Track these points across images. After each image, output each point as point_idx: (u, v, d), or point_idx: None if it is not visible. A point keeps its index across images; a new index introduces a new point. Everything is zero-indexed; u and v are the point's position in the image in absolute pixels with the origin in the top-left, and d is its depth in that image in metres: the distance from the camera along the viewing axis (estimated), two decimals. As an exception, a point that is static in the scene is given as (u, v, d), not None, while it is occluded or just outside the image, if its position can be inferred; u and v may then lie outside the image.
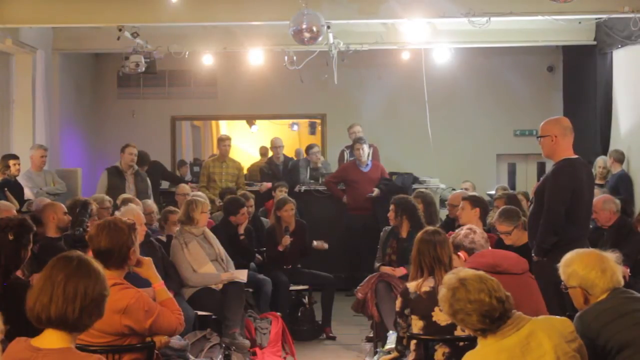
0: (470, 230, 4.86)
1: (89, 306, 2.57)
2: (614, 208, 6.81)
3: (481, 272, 3.02)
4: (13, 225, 4.09)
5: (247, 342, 6.04)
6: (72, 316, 2.54)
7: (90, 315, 2.59)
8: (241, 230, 7.23)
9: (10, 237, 4.03)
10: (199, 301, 6.17)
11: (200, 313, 6.08)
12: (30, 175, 8.75)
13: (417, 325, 4.14)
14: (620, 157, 9.52)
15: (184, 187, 8.92)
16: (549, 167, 5.15)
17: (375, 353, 5.52)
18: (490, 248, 4.91)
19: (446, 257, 4.26)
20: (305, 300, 7.70)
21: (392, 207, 6.76)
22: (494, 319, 2.87)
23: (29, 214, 6.15)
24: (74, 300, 2.54)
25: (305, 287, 7.58)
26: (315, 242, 7.50)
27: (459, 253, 4.59)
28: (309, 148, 10.41)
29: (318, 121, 13.12)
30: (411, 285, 4.21)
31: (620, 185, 9.09)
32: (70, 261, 2.61)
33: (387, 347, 5.04)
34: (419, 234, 4.39)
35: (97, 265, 2.68)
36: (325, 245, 7.57)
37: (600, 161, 9.64)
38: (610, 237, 6.87)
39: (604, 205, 6.79)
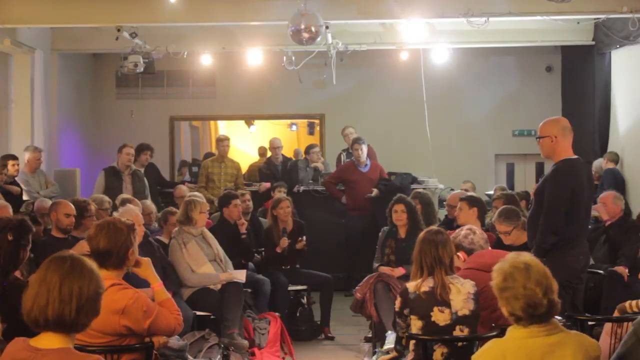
0: (470, 230, 4.86)
1: (85, 305, 2.57)
2: (621, 205, 7.01)
3: (547, 269, 2.97)
4: (12, 226, 4.09)
5: (246, 342, 6.04)
6: (69, 317, 2.54)
7: (87, 314, 2.59)
8: (243, 229, 7.24)
9: (10, 238, 4.02)
10: (198, 301, 6.17)
11: (198, 313, 6.08)
12: (26, 177, 8.75)
13: (416, 325, 4.14)
14: (613, 158, 9.57)
15: (182, 190, 8.89)
16: (548, 167, 5.15)
17: (374, 353, 5.52)
18: (490, 248, 4.92)
19: (447, 257, 4.24)
20: (304, 301, 7.70)
21: (401, 206, 6.73)
22: (535, 315, 2.83)
23: (27, 214, 6.15)
24: (70, 301, 2.54)
25: (304, 287, 7.58)
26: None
27: (458, 254, 4.59)
28: (309, 148, 10.43)
29: (317, 121, 13.12)
30: (410, 285, 4.21)
31: (605, 180, 9.15)
32: (64, 262, 2.61)
33: (386, 347, 5.05)
34: (422, 234, 4.37)
35: (91, 263, 2.68)
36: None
37: (597, 163, 9.69)
38: (611, 234, 6.89)
39: (614, 199, 7.01)
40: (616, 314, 4.42)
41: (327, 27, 8.61)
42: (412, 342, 4.17)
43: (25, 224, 4.18)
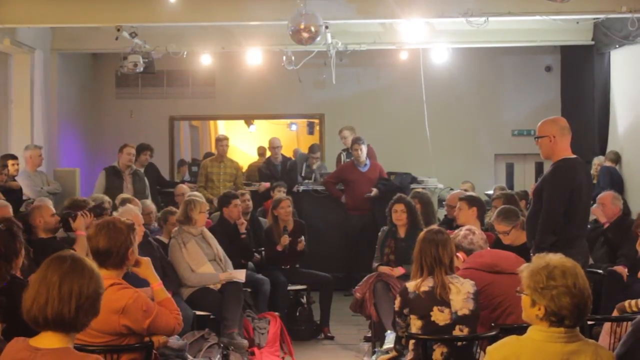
0: (470, 231, 4.86)
1: (84, 305, 2.58)
2: (620, 205, 7.01)
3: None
4: (1, 219, 4.13)
5: (245, 342, 6.04)
6: (68, 316, 2.55)
7: (86, 313, 2.60)
8: (242, 229, 7.25)
9: (3, 227, 4.04)
10: (198, 301, 6.17)
11: (198, 313, 6.09)
12: (29, 175, 8.77)
13: (415, 324, 4.15)
14: (613, 158, 9.58)
15: (182, 187, 8.93)
16: (547, 167, 5.15)
17: (374, 353, 5.52)
18: (489, 248, 4.92)
19: (447, 258, 4.23)
20: (304, 300, 7.70)
21: (401, 206, 6.74)
22: (580, 317, 2.78)
23: (28, 214, 6.14)
24: (69, 301, 2.55)
25: (304, 287, 7.58)
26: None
27: (457, 254, 4.59)
28: (311, 151, 10.45)
29: (316, 121, 13.12)
30: (410, 285, 4.22)
31: (601, 177, 9.17)
32: (64, 261, 2.62)
33: (385, 346, 5.05)
34: (422, 233, 4.38)
35: (91, 263, 2.69)
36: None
37: (596, 160, 9.69)
38: (612, 234, 6.89)
39: (613, 200, 7.01)
40: (615, 313, 4.43)
41: (326, 27, 8.61)
42: (412, 341, 4.18)
43: (12, 218, 4.24)
